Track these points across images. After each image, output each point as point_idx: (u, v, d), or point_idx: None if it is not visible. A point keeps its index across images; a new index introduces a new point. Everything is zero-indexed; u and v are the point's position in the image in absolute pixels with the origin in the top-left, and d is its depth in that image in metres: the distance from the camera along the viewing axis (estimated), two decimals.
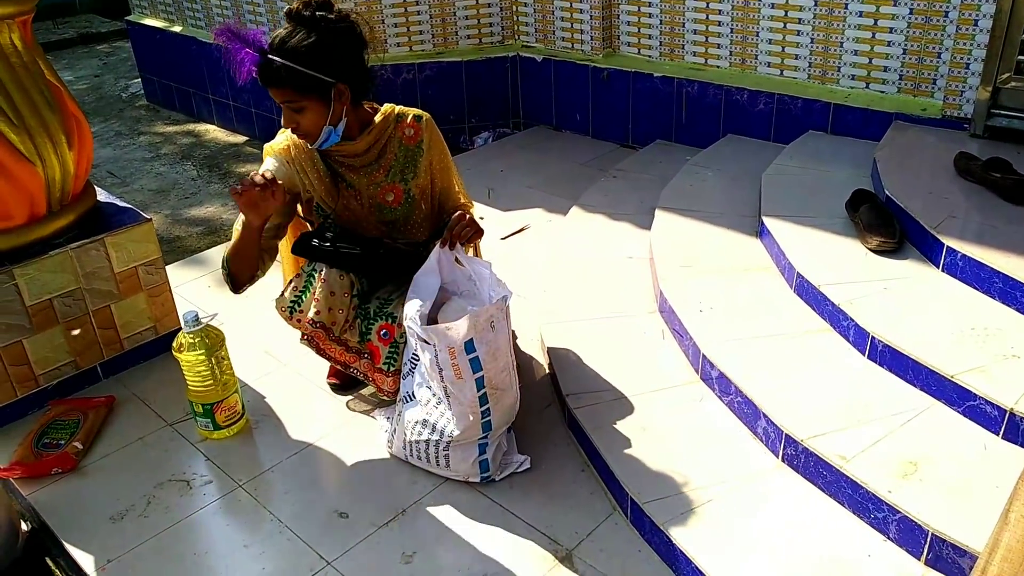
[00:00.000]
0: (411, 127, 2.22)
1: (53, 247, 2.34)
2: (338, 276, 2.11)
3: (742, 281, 2.55)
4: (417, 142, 2.23)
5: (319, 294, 2.10)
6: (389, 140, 2.20)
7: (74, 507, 2.07)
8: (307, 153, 2.13)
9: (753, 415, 2.05)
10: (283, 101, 2.00)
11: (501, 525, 1.95)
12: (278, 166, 2.14)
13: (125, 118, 5.55)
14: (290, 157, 2.14)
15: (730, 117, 3.68)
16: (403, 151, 2.22)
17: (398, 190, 2.21)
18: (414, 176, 2.23)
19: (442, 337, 1.89)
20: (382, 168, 2.20)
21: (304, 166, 2.14)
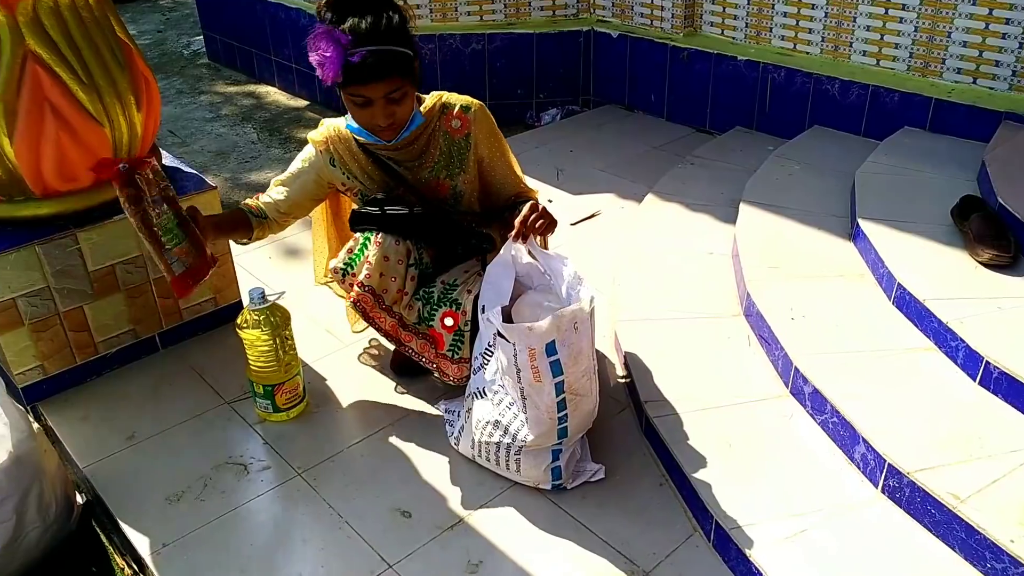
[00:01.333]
0: (458, 118, 2.06)
1: (117, 212, 2.25)
2: (394, 242, 2.00)
3: (835, 288, 2.38)
4: (464, 135, 2.07)
5: (372, 257, 2.00)
6: (434, 132, 2.05)
7: (129, 483, 2.00)
8: (346, 145, 2.05)
9: (850, 439, 1.90)
10: (388, 93, 1.86)
11: (573, 538, 1.83)
12: (312, 156, 2.11)
13: (187, 76, 5.48)
14: (324, 149, 2.08)
15: (818, 107, 3.47)
16: (449, 144, 2.07)
17: (444, 185, 2.08)
18: (461, 171, 2.08)
19: (523, 337, 1.77)
20: (426, 164, 2.07)
21: (346, 160, 2.06)
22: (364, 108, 1.88)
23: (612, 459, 2.03)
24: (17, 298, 2.12)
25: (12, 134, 1.98)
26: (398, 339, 2.10)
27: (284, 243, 3.09)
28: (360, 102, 1.87)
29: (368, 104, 1.87)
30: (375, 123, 1.92)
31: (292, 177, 2.14)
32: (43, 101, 2.00)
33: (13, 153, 2.01)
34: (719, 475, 1.87)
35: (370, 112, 1.88)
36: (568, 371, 1.81)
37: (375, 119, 1.90)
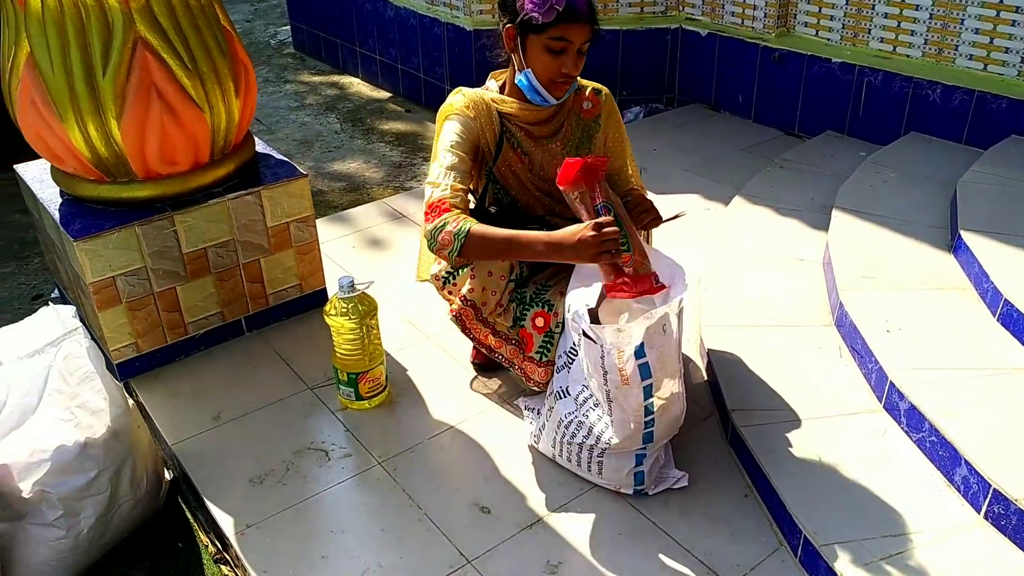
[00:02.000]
0: (590, 100, 2.08)
1: (212, 196, 2.31)
2: None
3: (934, 301, 2.28)
4: (594, 116, 2.09)
5: (476, 271, 1.99)
6: (568, 112, 2.07)
7: (215, 462, 2.04)
8: (488, 112, 2.00)
9: (951, 460, 1.81)
10: (585, 40, 1.87)
11: (654, 546, 1.79)
12: (466, 124, 1.97)
13: (273, 65, 5.60)
14: (473, 116, 1.99)
15: (916, 113, 3.34)
16: (580, 124, 2.08)
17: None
18: (588, 152, 2.08)
19: (611, 338, 1.73)
20: (560, 140, 2.06)
21: (484, 125, 2.00)
22: (557, 56, 1.86)
23: (695, 467, 1.98)
24: (116, 277, 2.19)
25: (120, 117, 2.04)
26: (489, 347, 2.09)
27: (368, 233, 3.12)
28: (558, 48, 1.85)
29: (563, 52, 1.86)
30: (562, 72, 1.88)
31: (462, 157, 1.95)
32: (150, 86, 2.05)
33: (120, 136, 2.07)
34: (808, 489, 1.81)
35: (560, 61, 1.87)
36: (656, 374, 1.77)
37: (564, 68, 1.88)
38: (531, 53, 1.89)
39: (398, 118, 4.59)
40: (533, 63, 1.90)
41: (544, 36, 1.85)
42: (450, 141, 1.95)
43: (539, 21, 1.82)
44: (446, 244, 1.83)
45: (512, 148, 2.04)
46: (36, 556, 1.70)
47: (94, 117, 2.04)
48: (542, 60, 1.88)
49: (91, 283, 2.15)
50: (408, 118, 4.57)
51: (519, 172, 2.06)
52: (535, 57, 1.89)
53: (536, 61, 1.89)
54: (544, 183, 2.08)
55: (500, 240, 1.81)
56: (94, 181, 2.20)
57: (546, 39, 1.85)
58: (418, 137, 4.28)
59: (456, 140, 1.95)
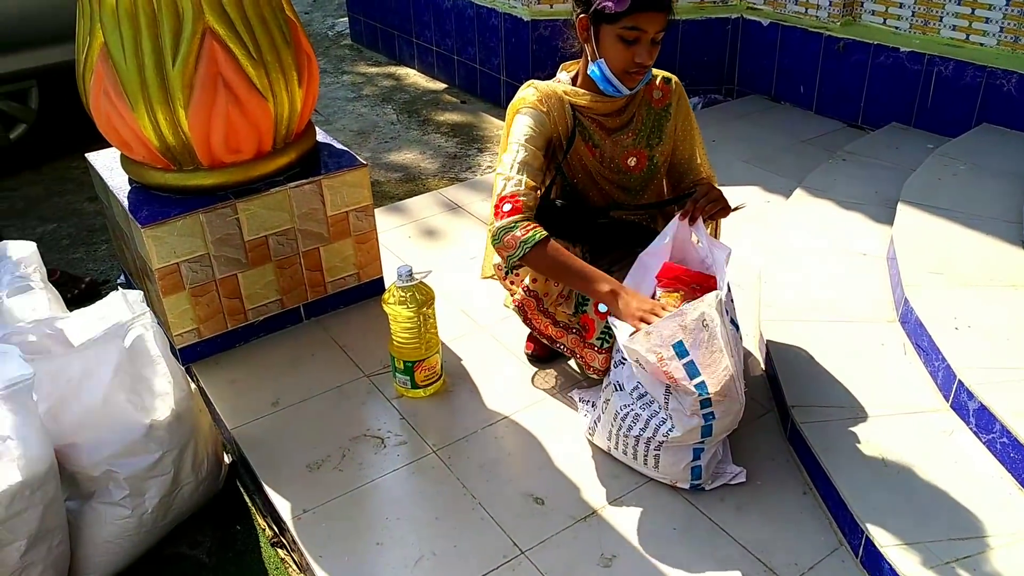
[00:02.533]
0: (660, 89, 2.05)
1: (274, 184, 2.34)
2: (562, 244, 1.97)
3: (1006, 299, 2.20)
4: (665, 105, 2.06)
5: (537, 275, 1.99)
6: (640, 103, 2.04)
7: (273, 448, 2.08)
8: (560, 106, 1.97)
9: (1023, 462, 1.75)
10: (659, 30, 1.84)
11: (710, 542, 1.77)
12: (539, 119, 1.95)
13: (330, 56, 5.66)
14: (546, 111, 1.96)
15: (989, 104, 3.22)
16: (651, 115, 2.05)
17: (642, 156, 2.05)
18: (659, 142, 2.06)
19: (644, 344, 1.70)
20: (631, 131, 2.04)
21: (557, 119, 1.97)
22: (631, 46, 1.84)
23: (753, 463, 1.95)
24: (181, 263, 2.24)
25: (188, 106, 2.08)
26: (550, 337, 2.09)
27: (424, 223, 3.13)
28: (631, 37, 1.83)
29: (636, 41, 1.83)
30: (636, 62, 1.85)
31: (534, 152, 1.93)
32: (216, 75, 2.09)
33: (188, 124, 2.11)
34: (870, 488, 1.77)
35: (633, 51, 1.84)
36: (705, 371, 1.72)
37: (638, 57, 1.84)
38: (604, 43, 1.86)
39: (453, 109, 4.60)
40: (606, 53, 1.87)
41: (617, 26, 1.82)
42: (523, 135, 1.93)
43: (613, 10, 1.80)
44: (510, 247, 1.84)
45: (584, 140, 2.02)
46: (103, 534, 1.75)
47: (163, 106, 2.09)
48: (615, 50, 1.86)
49: (157, 269, 2.21)
50: (463, 109, 4.58)
51: (589, 165, 2.04)
52: (608, 47, 1.86)
53: (609, 51, 1.87)
54: (614, 175, 2.06)
55: (566, 269, 1.84)
56: (161, 169, 2.25)
57: (619, 29, 1.82)
58: (473, 128, 4.29)
59: (529, 134, 1.93)
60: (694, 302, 1.73)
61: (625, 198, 2.09)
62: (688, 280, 1.87)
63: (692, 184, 2.07)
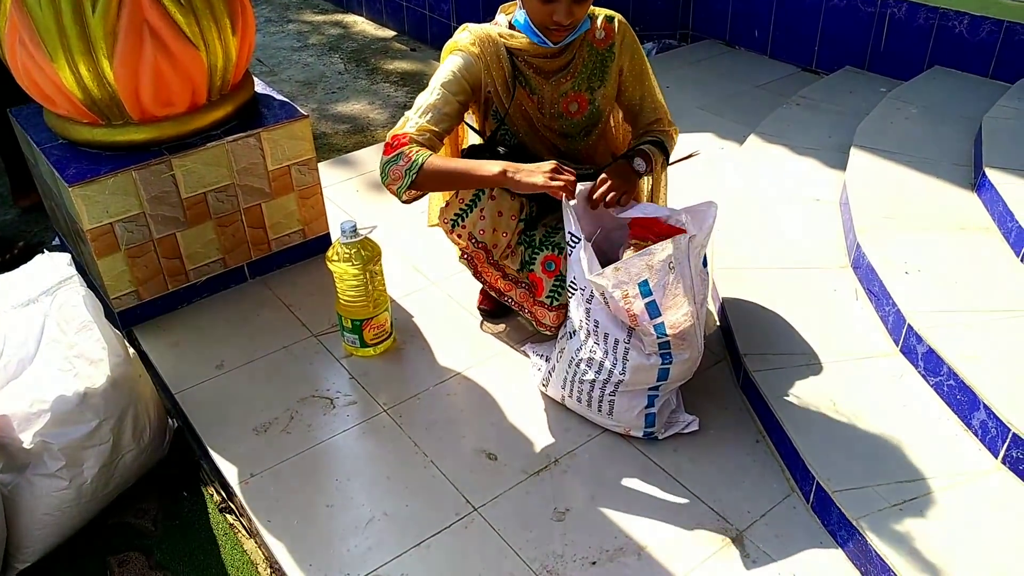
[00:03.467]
0: (602, 29, 1.97)
1: (211, 138, 2.24)
2: (509, 196, 1.92)
3: (955, 242, 2.21)
4: (608, 45, 1.97)
5: (486, 212, 1.94)
6: (580, 44, 1.96)
7: (218, 411, 2.02)
8: (494, 49, 1.90)
9: (969, 404, 1.76)
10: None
11: (663, 491, 1.77)
12: (467, 62, 1.89)
13: (274, 4, 5.44)
14: (477, 53, 1.89)
15: (941, 46, 3.20)
16: (593, 55, 1.97)
17: (583, 99, 1.97)
18: (602, 84, 1.98)
19: (612, 279, 1.68)
20: (570, 74, 1.96)
21: (490, 63, 1.90)
22: (548, 3, 1.77)
23: (706, 412, 1.94)
24: (115, 223, 2.14)
25: (112, 56, 1.97)
26: (499, 290, 2.05)
27: (372, 176, 3.05)
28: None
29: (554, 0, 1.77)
30: (555, 20, 1.79)
31: (447, 96, 1.87)
32: (142, 23, 1.97)
33: (113, 75, 2.00)
34: (822, 435, 1.77)
35: (551, 8, 1.78)
36: (666, 313, 1.72)
37: (556, 15, 1.78)
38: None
39: (403, 57, 4.47)
40: (527, 5, 1.81)
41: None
42: (442, 79, 1.87)
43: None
44: (397, 179, 1.81)
45: (521, 87, 1.95)
46: (40, 507, 1.69)
47: (85, 56, 1.97)
48: (533, 5, 1.79)
49: (88, 230, 2.11)
50: (413, 57, 4.45)
51: (530, 112, 1.98)
52: (528, 1, 1.80)
53: (529, 4, 1.80)
54: (554, 121, 1.99)
55: (453, 173, 1.80)
56: (88, 124, 2.14)
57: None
58: (424, 76, 4.17)
59: (448, 79, 1.87)
60: (663, 242, 1.70)
61: (567, 145, 2.03)
62: (657, 231, 1.82)
63: (645, 129, 2.01)
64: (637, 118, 2.05)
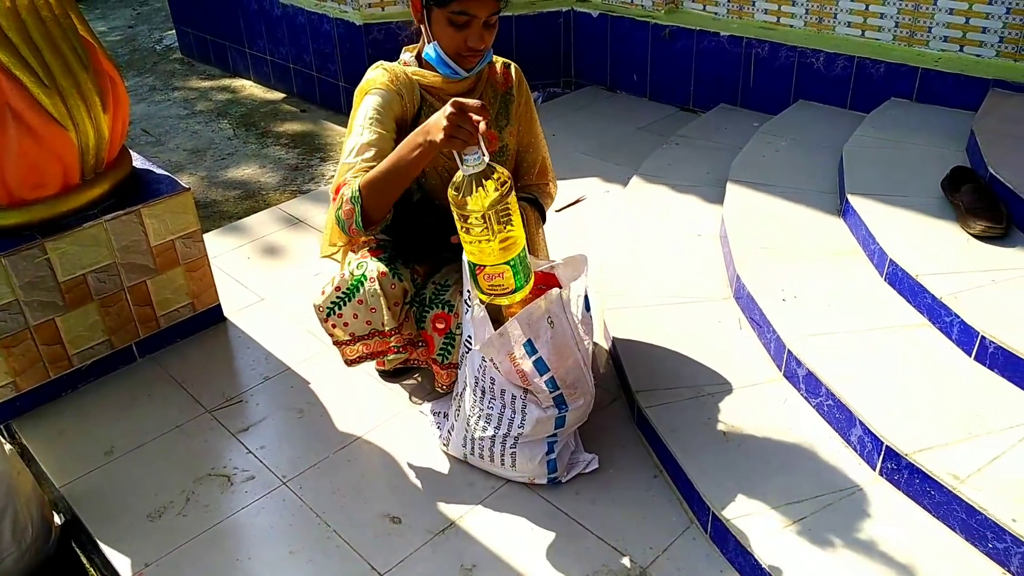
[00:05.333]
0: (502, 73, 2.03)
1: (87, 219, 2.19)
2: (390, 285, 1.90)
3: (827, 267, 2.33)
4: (508, 87, 2.03)
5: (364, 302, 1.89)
6: (487, 82, 2.01)
7: (109, 501, 1.94)
8: (409, 87, 1.90)
9: (847, 421, 1.85)
10: (491, 13, 1.79)
11: (568, 536, 1.79)
12: (387, 99, 1.88)
13: (159, 72, 5.37)
14: (395, 90, 1.89)
15: (803, 81, 3.41)
16: (496, 96, 2.02)
17: (492, 137, 2.01)
18: (508, 123, 2.04)
19: (494, 346, 1.71)
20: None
21: (406, 98, 1.90)
22: (461, 30, 1.79)
23: (605, 451, 1.98)
24: None
25: None
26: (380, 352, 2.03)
27: (264, 242, 3.02)
28: (461, 22, 1.78)
29: (466, 26, 1.79)
30: (468, 46, 1.81)
31: (379, 133, 1.85)
32: (3, 106, 1.92)
33: None
34: (715, 465, 1.83)
35: (464, 35, 1.80)
36: (555, 367, 1.76)
37: (470, 41, 1.80)
38: (436, 27, 1.82)
39: (293, 119, 4.46)
40: (439, 36, 1.83)
41: (447, 10, 1.78)
42: (369, 117, 1.86)
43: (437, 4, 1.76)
44: (349, 216, 1.79)
45: None
46: None
47: None
48: (447, 34, 1.81)
49: None
50: (303, 118, 4.44)
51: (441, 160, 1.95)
52: (440, 31, 1.82)
53: (441, 35, 1.82)
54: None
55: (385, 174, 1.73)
56: None
57: (449, 13, 1.78)
58: (314, 137, 4.17)
59: (375, 116, 1.86)
60: (537, 300, 1.74)
61: None
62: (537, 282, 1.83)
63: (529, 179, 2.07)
64: (520, 167, 2.11)
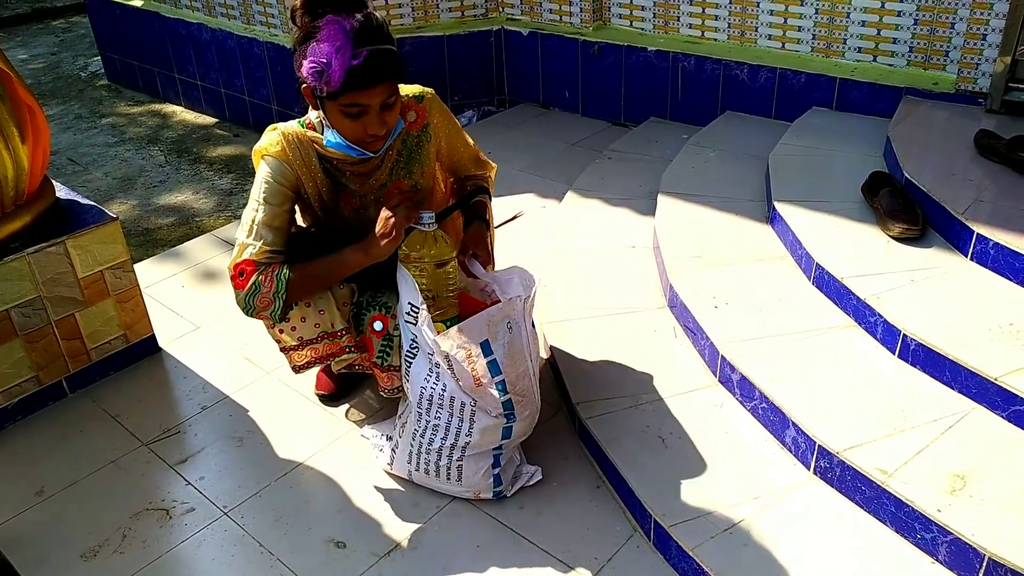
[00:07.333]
0: (412, 110, 1.91)
1: (8, 252, 2.13)
2: (338, 284, 1.90)
3: (756, 273, 2.40)
4: (421, 127, 1.93)
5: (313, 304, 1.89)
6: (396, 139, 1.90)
7: (41, 543, 1.88)
8: (303, 155, 1.82)
9: (780, 423, 1.90)
10: (385, 98, 1.70)
11: (513, 551, 1.79)
12: (278, 172, 1.81)
13: (85, 99, 5.25)
14: (288, 159, 1.81)
15: (729, 93, 3.51)
16: (408, 141, 1.93)
17: (403, 186, 1.95)
18: (420, 167, 1.96)
19: (454, 340, 1.72)
20: (385, 169, 1.91)
21: (300, 171, 1.83)
22: (357, 119, 1.71)
23: (548, 464, 1.99)
24: None
25: None
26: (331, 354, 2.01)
27: (200, 268, 2.97)
28: (355, 112, 1.69)
29: (362, 114, 1.70)
30: (368, 134, 1.73)
31: (272, 211, 1.80)
32: None
33: None
34: (655, 472, 1.86)
35: (362, 123, 1.71)
36: (507, 371, 1.78)
37: (370, 129, 1.72)
38: (332, 116, 1.74)
39: (226, 143, 4.41)
40: (337, 125, 1.75)
41: (337, 103, 1.69)
42: (262, 192, 1.81)
43: (324, 92, 1.67)
44: (266, 306, 1.79)
45: (348, 193, 1.90)
46: None
47: None
48: (344, 124, 1.73)
49: None
50: (236, 142, 4.40)
51: (348, 215, 1.93)
52: (336, 121, 1.74)
53: (339, 124, 1.75)
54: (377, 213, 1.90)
55: (314, 280, 1.82)
56: None
57: (340, 106, 1.69)
58: (248, 161, 4.13)
59: (267, 191, 1.80)
60: (499, 304, 1.78)
61: None
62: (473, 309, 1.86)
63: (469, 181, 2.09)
64: (460, 171, 2.11)
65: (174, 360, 2.47)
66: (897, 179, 2.54)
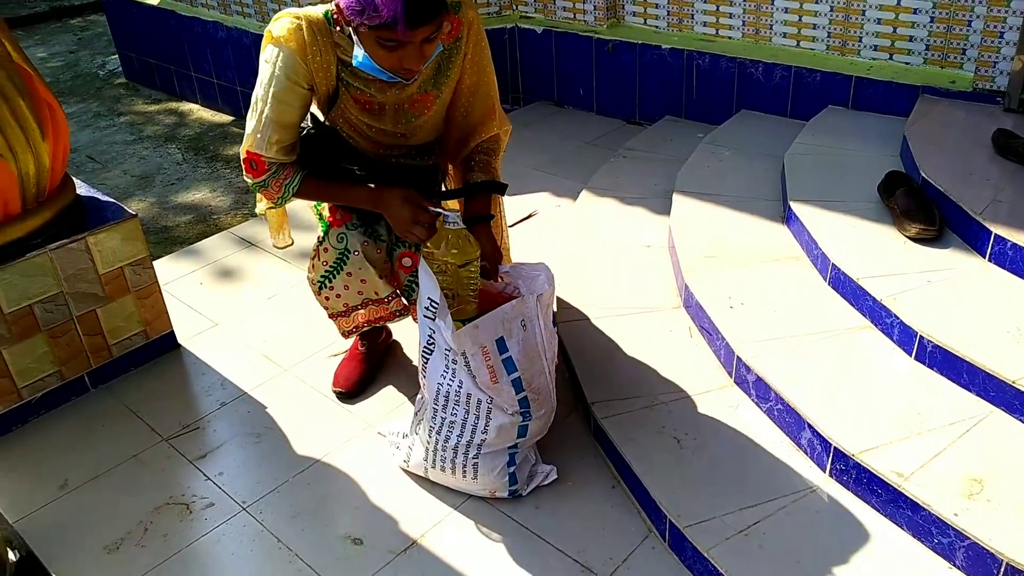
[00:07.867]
0: (448, 21, 1.76)
1: (31, 248, 2.16)
2: (376, 251, 1.97)
3: (772, 273, 2.40)
4: (455, 39, 1.81)
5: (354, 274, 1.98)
6: None
7: (65, 534, 1.91)
8: (323, 56, 1.70)
9: (796, 425, 1.91)
10: (431, 34, 1.60)
11: (528, 551, 1.81)
12: (293, 66, 1.69)
13: (103, 97, 5.29)
14: (306, 56, 1.69)
15: (744, 91, 3.50)
16: (439, 55, 1.81)
17: (430, 97, 1.85)
18: (447, 79, 1.85)
19: (470, 337, 1.74)
20: (414, 83, 1.81)
21: (316, 72, 1.72)
22: (394, 51, 1.60)
23: (563, 464, 2.00)
24: None
25: None
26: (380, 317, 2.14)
27: (217, 266, 2.99)
28: (393, 45, 1.59)
29: (399, 47, 1.60)
30: (404, 67, 1.64)
31: (282, 108, 1.73)
32: None
33: None
34: (670, 473, 1.87)
35: (399, 55, 1.61)
36: (523, 368, 1.79)
37: (406, 63, 1.62)
38: (366, 43, 1.62)
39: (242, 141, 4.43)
40: (370, 51, 1.63)
41: (374, 34, 1.58)
42: (273, 86, 1.71)
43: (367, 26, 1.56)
44: (274, 194, 1.87)
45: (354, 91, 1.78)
46: None
47: None
48: (379, 53, 1.62)
49: None
50: None
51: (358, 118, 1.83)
52: (371, 48, 1.62)
53: (373, 52, 1.63)
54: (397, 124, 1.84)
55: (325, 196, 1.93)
56: None
57: (377, 36, 1.58)
58: None
59: (278, 87, 1.71)
60: (514, 301, 1.79)
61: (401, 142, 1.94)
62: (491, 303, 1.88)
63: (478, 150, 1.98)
64: (469, 114, 1.94)
65: (193, 357, 2.49)
66: (914, 179, 2.53)
